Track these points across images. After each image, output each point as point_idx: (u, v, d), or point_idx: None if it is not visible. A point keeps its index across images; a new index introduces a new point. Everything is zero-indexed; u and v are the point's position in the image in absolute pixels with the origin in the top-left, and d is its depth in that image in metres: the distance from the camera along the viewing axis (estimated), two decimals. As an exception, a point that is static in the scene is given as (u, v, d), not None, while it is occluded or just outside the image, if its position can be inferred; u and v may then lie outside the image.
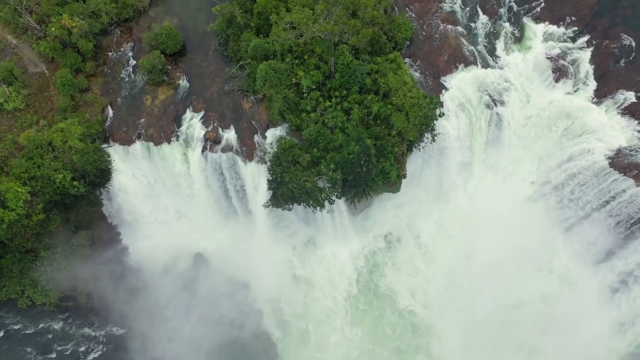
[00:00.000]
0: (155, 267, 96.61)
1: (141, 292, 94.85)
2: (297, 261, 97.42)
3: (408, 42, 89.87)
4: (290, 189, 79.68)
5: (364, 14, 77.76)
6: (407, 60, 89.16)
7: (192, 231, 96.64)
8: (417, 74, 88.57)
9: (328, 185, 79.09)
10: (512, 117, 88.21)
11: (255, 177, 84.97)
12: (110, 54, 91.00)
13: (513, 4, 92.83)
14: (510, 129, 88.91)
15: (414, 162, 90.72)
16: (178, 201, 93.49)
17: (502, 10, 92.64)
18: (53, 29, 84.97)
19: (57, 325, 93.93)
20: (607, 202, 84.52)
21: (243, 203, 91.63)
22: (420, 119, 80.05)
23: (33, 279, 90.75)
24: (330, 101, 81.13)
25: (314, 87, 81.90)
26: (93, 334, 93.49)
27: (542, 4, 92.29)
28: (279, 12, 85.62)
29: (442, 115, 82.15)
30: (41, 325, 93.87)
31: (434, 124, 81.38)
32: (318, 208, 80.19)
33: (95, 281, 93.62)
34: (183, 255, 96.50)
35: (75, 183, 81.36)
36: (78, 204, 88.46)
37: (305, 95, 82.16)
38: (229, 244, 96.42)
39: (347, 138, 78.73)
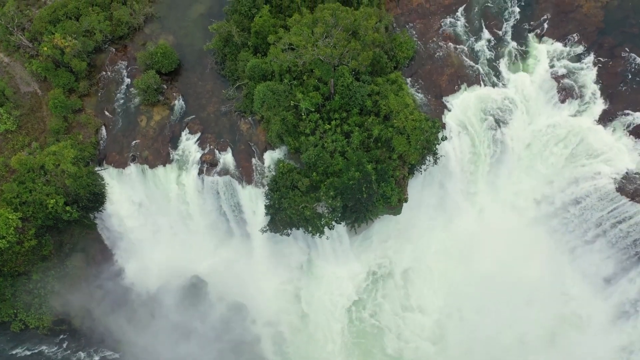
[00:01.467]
0: (151, 289, 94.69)
1: (136, 315, 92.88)
2: (296, 283, 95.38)
3: (410, 61, 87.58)
4: (288, 214, 77.61)
5: (365, 36, 75.41)
6: (408, 79, 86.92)
7: (188, 252, 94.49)
8: (418, 94, 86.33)
9: (327, 211, 76.99)
10: (516, 139, 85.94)
11: (253, 200, 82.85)
12: (104, 72, 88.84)
13: (517, 21, 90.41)
14: (514, 151, 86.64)
15: (416, 183, 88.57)
16: (174, 222, 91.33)
17: (506, 28, 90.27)
18: (45, 48, 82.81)
19: (51, 350, 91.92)
20: (615, 225, 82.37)
21: (240, 225, 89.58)
22: (422, 143, 77.90)
23: (26, 302, 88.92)
24: (329, 124, 78.97)
25: (313, 109, 79.75)
26: (88, 358, 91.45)
27: (547, 21, 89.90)
28: (277, 31, 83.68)
29: (444, 138, 79.96)
30: (35, 349, 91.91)
31: (437, 148, 79.10)
32: (317, 234, 77.94)
33: (90, 304, 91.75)
34: (179, 277, 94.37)
35: (68, 208, 79.32)
36: (71, 227, 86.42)
37: (304, 117, 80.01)
38: (226, 265, 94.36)
39: (347, 163, 76.56)
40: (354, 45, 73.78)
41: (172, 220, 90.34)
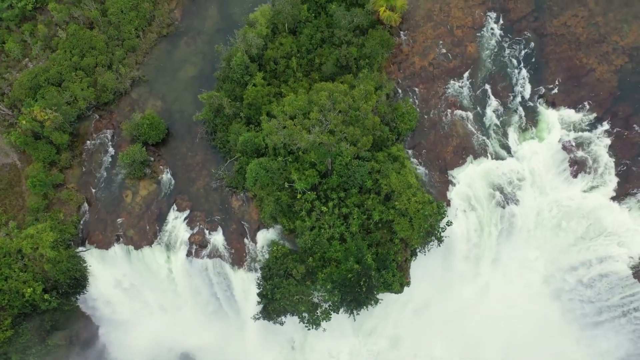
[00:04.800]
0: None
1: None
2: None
3: (412, 131, 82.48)
4: (282, 305, 72.45)
5: (364, 119, 70.14)
6: (410, 151, 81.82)
7: (177, 328, 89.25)
8: (421, 168, 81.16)
9: (324, 303, 71.79)
10: (526, 215, 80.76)
11: (246, 284, 77.77)
12: (88, 142, 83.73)
13: (526, 86, 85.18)
14: (523, 228, 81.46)
15: (419, 259, 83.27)
16: (161, 298, 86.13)
17: (515, 93, 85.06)
18: (24, 121, 77.70)
19: None
20: (629, 312, 77.26)
21: (232, 303, 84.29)
22: (426, 229, 72.73)
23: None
24: (327, 205, 73.77)
25: (310, 187, 74.66)
26: None
27: (558, 87, 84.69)
28: (272, 100, 78.84)
29: (449, 224, 74.66)
30: None
31: (441, 236, 73.92)
32: (314, 327, 72.57)
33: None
34: (168, 353, 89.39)
35: (46, 296, 74.21)
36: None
37: (299, 196, 74.87)
38: (217, 342, 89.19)
39: (346, 252, 71.35)
40: (352, 131, 68.61)
41: (160, 297, 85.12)
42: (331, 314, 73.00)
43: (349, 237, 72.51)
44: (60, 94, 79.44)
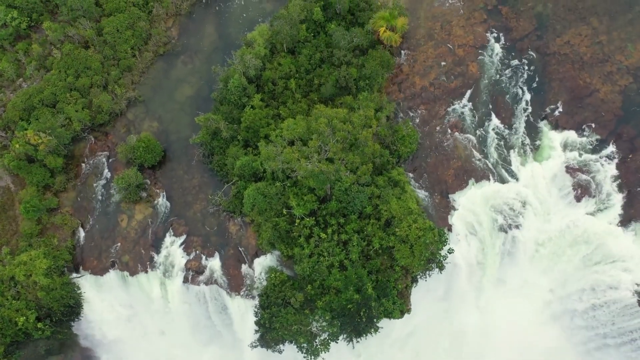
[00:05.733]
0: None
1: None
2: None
3: (413, 153, 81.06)
4: (280, 334, 70.93)
5: (364, 147, 68.60)
6: (411, 175, 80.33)
7: (174, 352, 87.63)
8: (422, 192, 79.71)
9: (323, 332, 70.28)
10: (528, 239, 79.26)
11: (243, 311, 76.31)
12: (83, 164, 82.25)
13: (529, 107, 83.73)
14: (526, 252, 79.96)
15: (420, 283, 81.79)
16: (158, 324, 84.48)
17: (517, 114, 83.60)
18: (17, 145, 76.19)
19: None
20: (634, 340, 75.74)
21: (229, 330, 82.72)
22: (427, 257, 71.24)
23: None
24: (325, 232, 72.23)
25: (308, 212, 73.18)
26: None
27: (561, 107, 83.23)
28: (270, 122, 77.45)
29: (451, 251, 73.13)
30: None
31: (443, 264, 72.42)
32: (312, 357, 70.98)
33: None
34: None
35: (40, 325, 72.64)
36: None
37: (297, 221, 73.36)
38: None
39: (346, 280, 69.85)
40: (352, 158, 67.11)
41: (157, 323, 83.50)
42: (330, 344, 71.44)
43: (349, 264, 71.03)
44: (55, 117, 77.87)
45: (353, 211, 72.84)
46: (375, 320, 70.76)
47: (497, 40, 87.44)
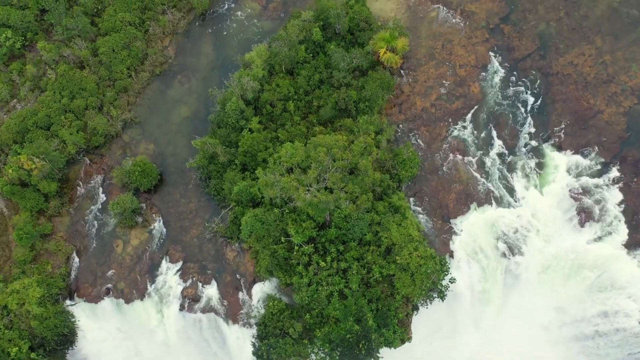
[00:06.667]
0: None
1: None
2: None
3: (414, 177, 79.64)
4: (278, 366, 69.50)
5: (364, 176, 67.09)
6: (411, 199, 78.81)
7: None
8: (423, 216, 78.26)
9: (322, 361, 68.92)
10: (532, 265, 77.74)
11: (240, 340, 74.76)
12: (78, 187, 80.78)
13: (532, 129, 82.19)
14: (529, 278, 78.44)
15: (421, 310, 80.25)
16: (154, 352, 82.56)
17: (520, 136, 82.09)
18: (10, 170, 74.73)
19: None
20: (641, 368, 74.29)
21: (226, 356, 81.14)
22: (429, 286, 69.76)
23: None
24: (325, 260, 70.75)
25: (307, 239, 71.72)
26: None
27: (564, 129, 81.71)
28: (268, 146, 76.04)
29: (453, 281, 71.68)
30: None
31: (445, 294, 70.90)
32: (310, 388, 69.72)
33: None
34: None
35: (33, 355, 71.20)
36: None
37: (296, 248, 71.90)
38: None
39: (345, 310, 68.39)
40: (351, 188, 65.62)
41: (153, 351, 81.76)
42: (329, 376, 70.00)
43: (349, 293, 69.55)
44: (49, 141, 76.38)
45: (353, 238, 71.39)
46: (374, 351, 69.20)
47: (500, 60, 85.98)
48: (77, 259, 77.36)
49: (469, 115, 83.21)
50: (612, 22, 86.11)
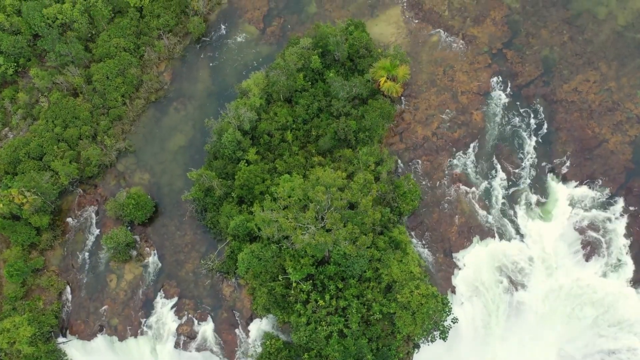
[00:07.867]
0: None
1: None
2: None
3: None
4: (276, 409, 67.65)
5: (364, 216, 65.18)
6: (412, 233, 76.95)
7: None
8: (424, 250, 76.36)
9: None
10: (535, 300, 75.79)
11: (237, 379, 72.84)
12: (71, 219, 78.90)
13: (536, 159, 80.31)
14: (533, 313, 76.42)
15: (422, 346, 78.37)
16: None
17: (523, 167, 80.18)
18: (1, 205, 72.79)
19: None
20: (648, 407, 72.32)
21: (224, 392, 79.40)
22: (430, 326, 67.87)
23: None
24: (324, 297, 68.87)
25: (305, 276, 69.83)
26: None
27: (569, 160, 79.83)
28: (265, 178, 74.18)
29: (455, 321, 69.79)
30: None
31: (446, 334, 69.00)
32: None
33: None
34: None
35: (23, 397, 69.27)
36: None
37: (294, 284, 70.05)
38: None
39: (345, 351, 66.46)
40: (350, 229, 63.68)
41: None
42: (328, 418, 68.16)
43: (349, 332, 67.65)
44: (40, 175, 74.44)
45: (352, 275, 69.54)
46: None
47: (502, 86, 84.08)
48: (69, 295, 75.45)
49: (472, 145, 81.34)
50: (617, 47, 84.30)
